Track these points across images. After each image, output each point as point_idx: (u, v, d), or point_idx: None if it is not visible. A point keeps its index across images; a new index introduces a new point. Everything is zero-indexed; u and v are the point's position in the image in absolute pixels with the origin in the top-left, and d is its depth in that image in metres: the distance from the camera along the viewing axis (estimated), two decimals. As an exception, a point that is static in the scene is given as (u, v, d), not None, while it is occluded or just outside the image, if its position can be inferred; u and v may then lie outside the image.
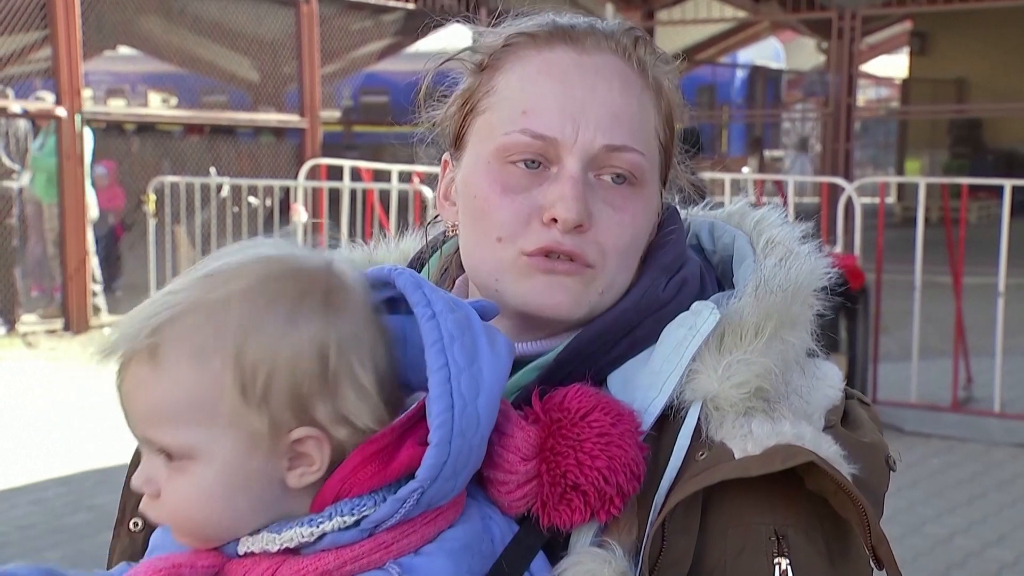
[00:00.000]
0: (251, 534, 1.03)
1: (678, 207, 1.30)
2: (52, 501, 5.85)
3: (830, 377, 1.21)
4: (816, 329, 1.20)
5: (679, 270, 1.22)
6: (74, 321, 10.60)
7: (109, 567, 1.26)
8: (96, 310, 10.75)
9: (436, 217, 1.34)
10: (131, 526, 1.26)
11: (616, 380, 1.17)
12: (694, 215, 1.34)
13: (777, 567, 1.08)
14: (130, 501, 1.27)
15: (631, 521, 1.10)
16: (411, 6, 14.03)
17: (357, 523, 1.01)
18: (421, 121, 1.29)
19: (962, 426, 7.28)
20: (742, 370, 1.12)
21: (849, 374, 7.17)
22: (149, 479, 1.04)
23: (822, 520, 1.12)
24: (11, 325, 10.44)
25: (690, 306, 1.18)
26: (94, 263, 10.87)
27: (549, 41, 1.19)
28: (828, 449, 1.09)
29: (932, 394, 7.70)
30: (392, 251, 1.40)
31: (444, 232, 1.34)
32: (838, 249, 7.82)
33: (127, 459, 1.24)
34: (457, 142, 1.25)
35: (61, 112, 10.37)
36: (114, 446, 6.39)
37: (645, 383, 1.14)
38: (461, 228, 1.23)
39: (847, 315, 7.33)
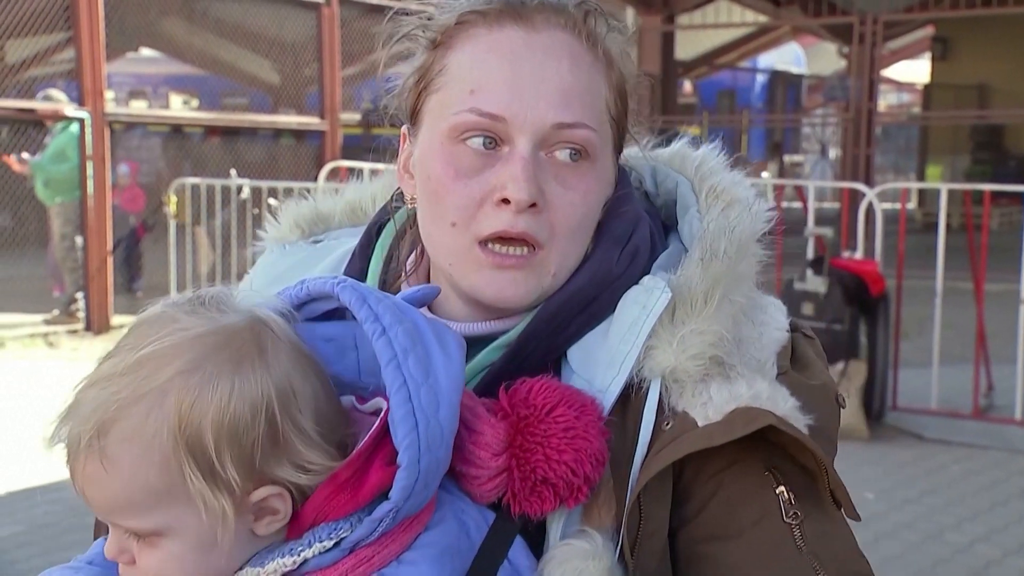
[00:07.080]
0: (235, 572, 1.05)
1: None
2: (71, 500, 5.86)
3: (776, 319, 1.25)
4: (782, 296, 1.23)
5: (630, 238, 1.24)
6: (95, 321, 10.65)
7: (96, 536, 1.28)
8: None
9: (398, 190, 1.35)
10: None
11: (576, 355, 1.21)
12: (635, 157, 1.35)
13: (780, 496, 1.14)
14: None
15: (609, 500, 1.14)
16: (432, 10, 14.02)
17: (337, 544, 1.03)
18: (385, 92, 1.30)
19: (983, 433, 7.23)
20: (696, 341, 1.16)
21: (869, 380, 7.15)
22: (123, 550, 1.06)
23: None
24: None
25: (643, 275, 1.21)
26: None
27: (499, 19, 1.20)
28: (784, 406, 1.14)
29: (953, 401, 7.66)
30: (338, 202, 1.45)
31: (394, 199, 1.35)
32: (859, 255, 7.79)
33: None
34: (413, 117, 1.26)
35: (75, 112, 10.42)
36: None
37: (604, 361, 1.18)
38: (419, 204, 1.25)
39: (868, 321, 7.31)
